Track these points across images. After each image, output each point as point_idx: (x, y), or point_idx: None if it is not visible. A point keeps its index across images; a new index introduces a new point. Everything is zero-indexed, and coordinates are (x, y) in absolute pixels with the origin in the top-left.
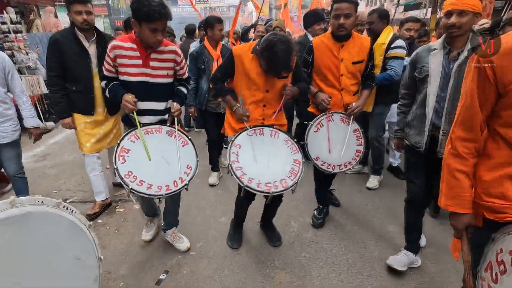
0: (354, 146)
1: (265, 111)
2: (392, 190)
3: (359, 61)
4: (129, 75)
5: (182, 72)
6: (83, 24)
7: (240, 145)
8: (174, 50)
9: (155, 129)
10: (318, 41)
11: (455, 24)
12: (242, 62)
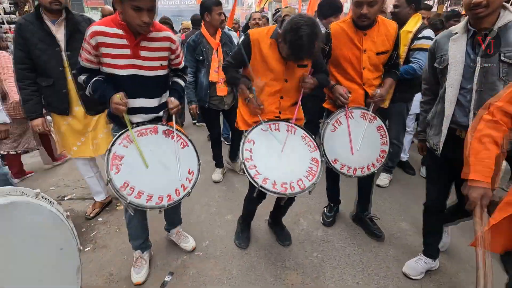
0: (379, 146)
1: (282, 103)
2: (402, 186)
3: (384, 51)
4: (116, 68)
5: (178, 61)
6: (52, 4)
7: (254, 141)
8: (169, 37)
9: (150, 130)
10: (337, 28)
11: (480, 2)
12: (260, 48)
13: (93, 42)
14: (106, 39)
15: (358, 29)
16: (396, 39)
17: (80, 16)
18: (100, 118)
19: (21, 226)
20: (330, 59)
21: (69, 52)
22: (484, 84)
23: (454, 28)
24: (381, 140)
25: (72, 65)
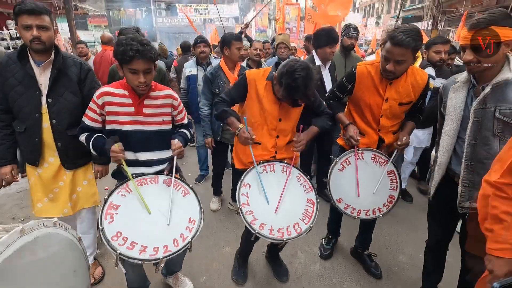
0: (388, 191)
1: (278, 143)
2: (399, 214)
3: (407, 102)
4: (120, 124)
5: (181, 117)
6: (32, 43)
7: (250, 184)
8: (170, 94)
9: (150, 179)
10: (363, 70)
11: (471, 60)
12: (256, 89)
13: (100, 102)
14: (113, 98)
15: (385, 78)
16: (424, 90)
17: (71, 59)
18: (78, 171)
19: (44, 257)
20: (350, 96)
21: (50, 99)
22: (478, 137)
23: (457, 76)
24: (391, 186)
25: (53, 113)
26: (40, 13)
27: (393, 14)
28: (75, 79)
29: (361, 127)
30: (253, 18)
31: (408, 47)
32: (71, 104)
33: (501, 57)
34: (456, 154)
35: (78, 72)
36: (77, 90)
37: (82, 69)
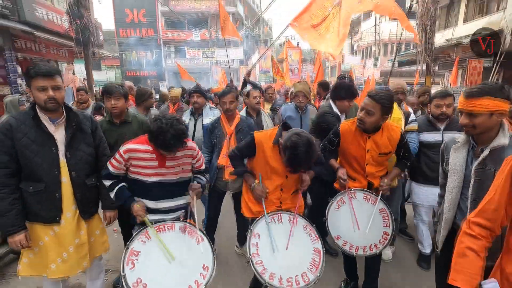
0: (381, 228)
1: (283, 195)
2: (405, 258)
3: (386, 152)
4: (144, 176)
5: (199, 165)
6: (47, 104)
7: (259, 234)
8: (191, 147)
9: (168, 226)
10: (346, 127)
11: (467, 124)
12: (263, 150)
13: (126, 157)
14: (138, 154)
15: (363, 132)
16: (400, 142)
17: (81, 114)
18: (93, 221)
19: None
20: (339, 148)
21: (68, 153)
22: (480, 196)
23: (457, 136)
24: (383, 222)
25: (72, 166)
26: (54, 75)
27: (389, 55)
28: (89, 131)
29: (351, 174)
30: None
31: (378, 102)
32: (87, 155)
33: (495, 124)
34: (460, 209)
35: (90, 125)
36: (91, 141)
37: (92, 122)
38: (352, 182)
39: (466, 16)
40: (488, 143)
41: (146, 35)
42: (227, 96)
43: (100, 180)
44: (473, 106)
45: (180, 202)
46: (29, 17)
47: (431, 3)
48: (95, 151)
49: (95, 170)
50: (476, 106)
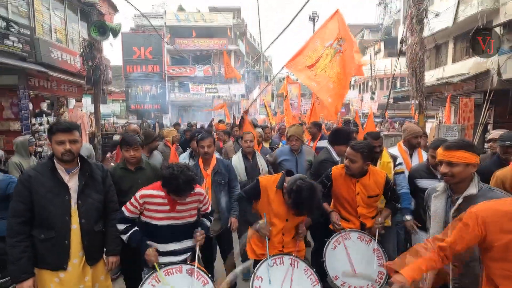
0: (376, 267)
1: (285, 239)
2: None
3: (374, 195)
4: (156, 219)
5: (206, 208)
6: (64, 156)
7: (262, 278)
8: (199, 192)
9: (175, 269)
10: (337, 172)
11: (446, 172)
12: (267, 194)
13: (141, 201)
14: (152, 199)
15: (352, 176)
16: (385, 185)
17: (94, 163)
18: (98, 267)
19: None
20: (332, 192)
21: (80, 201)
22: None
23: (437, 186)
24: (378, 262)
25: (82, 213)
26: (72, 130)
27: (385, 90)
28: (100, 180)
29: (345, 215)
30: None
31: (357, 152)
32: (96, 202)
33: (469, 174)
34: None
35: (101, 173)
36: (101, 188)
37: (103, 170)
38: (346, 223)
39: (454, 57)
40: (462, 192)
41: (152, 71)
42: (205, 141)
43: (107, 225)
44: (452, 157)
45: (187, 244)
46: (45, 59)
47: (419, 49)
48: (103, 197)
49: (102, 217)
50: (454, 157)
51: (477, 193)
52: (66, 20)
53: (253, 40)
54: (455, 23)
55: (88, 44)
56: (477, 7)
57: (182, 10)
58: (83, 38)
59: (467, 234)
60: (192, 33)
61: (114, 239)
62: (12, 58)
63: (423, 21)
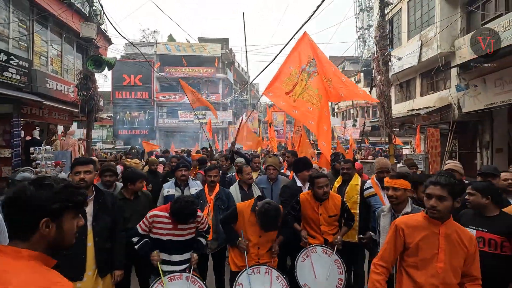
0: (337, 275)
1: (259, 252)
2: None
3: (334, 215)
4: (160, 235)
5: (203, 227)
6: (78, 183)
7: (242, 284)
8: (198, 215)
9: (177, 276)
10: (304, 198)
11: (392, 195)
12: (243, 216)
13: (150, 220)
14: (159, 219)
15: (316, 200)
16: (341, 206)
17: (106, 192)
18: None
19: None
20: (301, 213)
21: (95, 223)
22: None
23: (384, 208)
24: (338, 271)
25: (96, 233)
26: (88, 163)
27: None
28: (110, 205)
29: (311, 233)
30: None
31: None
32: (107, 223)
33: (406, 197)
34: None
35: (112, 200)
36: (112, 212)
37: (113, 197)
38: (312, 239)
39: (421, 91)
40: (401, 211)
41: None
42: (212, 171)
43: (114, 243)
44: (396, 184)
45: (187, 257)
46: (41, 89)
47: (385, 87)
48: (112, 219)
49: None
50: (397, 184)
51: (411, 211)
52: (62, 52)
53: (241, 69)
54: (420, 62)
55: (84, 75)
56: (436, 50)
57: (172, 40)
58: (79, 70)
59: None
60: (181, 61)
61: (120, 255)
62: (9, 88)
63: (387, 64)
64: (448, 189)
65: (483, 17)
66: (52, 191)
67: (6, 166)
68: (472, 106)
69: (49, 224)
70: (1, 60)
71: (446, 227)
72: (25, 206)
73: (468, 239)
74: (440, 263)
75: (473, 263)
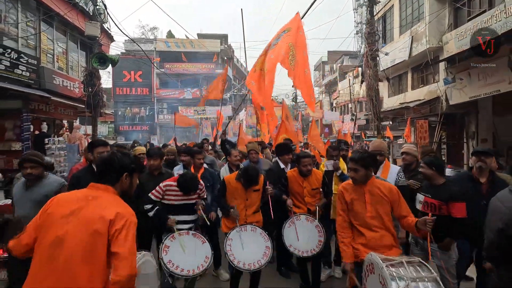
0: (317, 237)
1: (247, 213)
2: None
3: (316, 188)
4: (172, 201)
5: (203, 194)
6: None
7: (232, 239)
8: (201, 184)
9: (185, 232)
10: (291, 174)
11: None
12: (230, 185)
13: (164, 189)
14: (170, 187)
15: (301, 176)
16: (322, 180)
17: None
18: None
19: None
20: (288, 188)
21: None
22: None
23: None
24: (318, 234)
25: None
26: (107, 144)
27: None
28: None
29: (296, 204)
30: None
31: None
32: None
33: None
34: None
35: None
36: None
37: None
38: (297, 209)
39: (412, 85)
40: None
41: (141, 93)
42: (199, 155)
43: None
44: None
45: (193, 217)
46: (48, 85)
47: (373, 81)
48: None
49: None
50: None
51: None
52: (67, 50)
53: (240, 64)
54: (411, 57)
55: (89, 72)
56: (425, 45)
57: (171, 36)
58: (84, 67)
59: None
60: (181, 57)
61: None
62: (19, 85)
63: (375, 59)
64: (360, 163)
65: (469, 14)
66: (130, 158)
67: (17, 159)
68: (458, 98)
69: (127, 177)
70: (12, 58)
71: (369, 186)
72: (117, 165)
73: (388, 190)
74: (368, 213)
75: (400, 206)
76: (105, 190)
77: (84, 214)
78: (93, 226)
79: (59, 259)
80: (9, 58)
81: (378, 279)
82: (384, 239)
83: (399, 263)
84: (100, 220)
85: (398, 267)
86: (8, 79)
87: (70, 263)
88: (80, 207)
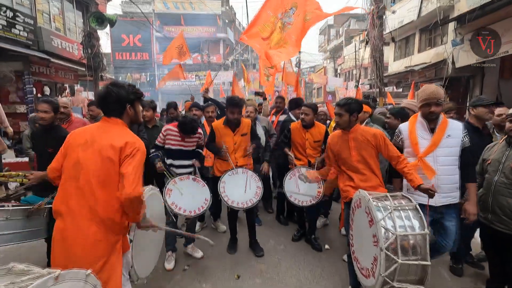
0: (316, 189)
1: (236, 156)
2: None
3: (318, 140)
4: (171, 145)
5: (201, 142)
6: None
7: (225, 181)
8: (199, 133)
9: (185, 177)
10: (293, 126)
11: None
12: (219, 131)
13: (165, 134)
14: (170, 132)
15: (303, 128)
16: (325, 134)
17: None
18: None
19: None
20: (291, 141)
21: None
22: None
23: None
24: (317, 185)
25: None
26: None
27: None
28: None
29: (297, 156)
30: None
31: (310, 108)
32: None
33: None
34: None
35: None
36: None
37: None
38: (298, 161)
39: (419, 47)
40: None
41: (141, 58)
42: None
43: None
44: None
45: (190, 162)
46: (47, 46)
47: (378, 41)
48: None
49: None
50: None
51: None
52: (63, 10)
53: (242, 28)
54: (419, 17)
55: (87, 33)
56: (436, 3)
57: None
58: (82, 27)
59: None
60: (180, 20)
61: None
62: (18, 45)
63: (382, 18)
64: (345, 108)
65: None
66: (126, 89)
67: (23, 121)
68: (465, 60)
69: (130, 108)
70: (8, 17)
71: (353, 133)
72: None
73: (371, 136)
74: (353, 157)
75: (387, 148)
76: (114, 123)
77: (97, 143)
78: (105, 154)
79: (80, 180)
80: (5, 17)
81: (364, 210)
82: (371, 180)
83: (384, 197)
84: (111, 148)
85: (383, 200)
86: (6, 39)
87: (90, 185)
88: (93, 137)
